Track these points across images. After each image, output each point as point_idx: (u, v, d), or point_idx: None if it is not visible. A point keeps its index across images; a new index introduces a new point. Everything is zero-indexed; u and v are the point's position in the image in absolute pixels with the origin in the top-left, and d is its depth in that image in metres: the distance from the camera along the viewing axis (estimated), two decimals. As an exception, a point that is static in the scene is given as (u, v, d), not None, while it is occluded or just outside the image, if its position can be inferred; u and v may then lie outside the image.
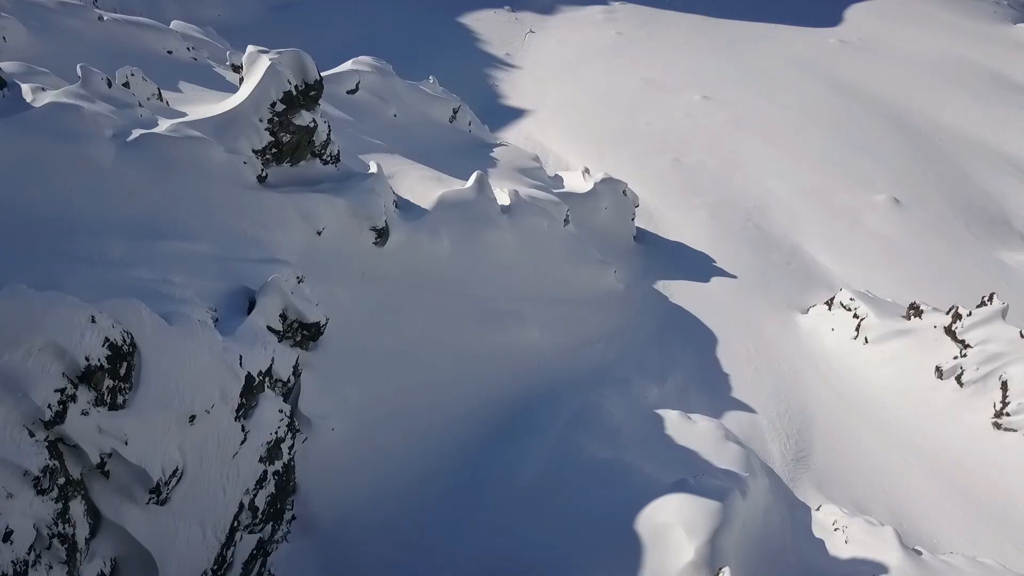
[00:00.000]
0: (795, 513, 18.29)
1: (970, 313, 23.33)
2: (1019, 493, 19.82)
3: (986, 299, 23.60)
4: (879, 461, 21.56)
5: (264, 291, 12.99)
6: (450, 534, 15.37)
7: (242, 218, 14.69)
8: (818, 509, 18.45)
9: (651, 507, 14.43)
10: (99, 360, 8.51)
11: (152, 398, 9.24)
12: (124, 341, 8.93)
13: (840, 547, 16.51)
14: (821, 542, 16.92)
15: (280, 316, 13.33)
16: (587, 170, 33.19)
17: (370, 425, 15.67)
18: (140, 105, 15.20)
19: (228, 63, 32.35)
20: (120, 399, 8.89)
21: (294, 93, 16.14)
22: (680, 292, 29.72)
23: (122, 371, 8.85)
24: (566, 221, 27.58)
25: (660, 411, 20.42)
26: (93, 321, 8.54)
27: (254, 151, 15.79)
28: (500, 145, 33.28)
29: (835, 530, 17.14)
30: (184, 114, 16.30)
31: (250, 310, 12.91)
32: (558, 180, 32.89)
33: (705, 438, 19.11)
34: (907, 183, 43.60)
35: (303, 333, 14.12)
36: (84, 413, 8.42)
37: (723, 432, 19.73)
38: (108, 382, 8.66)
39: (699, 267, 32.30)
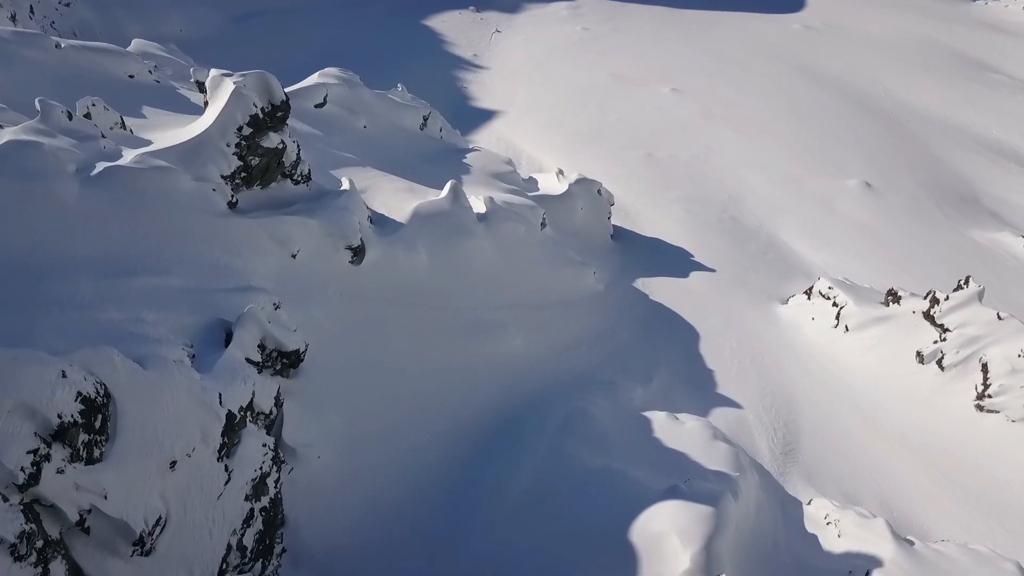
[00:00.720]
0: (787, 509, 18.33)
1: (947, 297, 23.53)
2: (1005, 475, 20.02)
3: (962, 282, 23.81)
4: (866, 450, 21.69)
5: (240, 323, 12.73)
6: (443, 552, 15.20)
7: (214, 247, 14.40)
8: (809, 503, 18.51)
9: (645, 515, 14.37)
10: (72, 416, 8.25)
11: (130, 448, 8.99)
12: (98, 392, 8.67)
13: (833, 541, 16.56)
14: (814, 537, 16.97)
15: (258, 346, 13.08)
16: (561, 171, 33.09)
17: (356, 448, 15.46)
18: (103, 136, 14.83)
19: (192, 80, 31.87)
20: (96, 452, 8.63)
21: (261, 116, 15.85)
22: (660, 289, 29.73)
23: (97, 424, 8.60)
24: (543, 225, 27.48)
25: (647, 413, 20.37)
26: (64, 376, 8.27)
27: (223, 177, 15.50)
28: (473, 150, 33.05)
29: (827, 524, 17.19)
30: (149, 142, 15.94)
31: (227, 342, 12.65)
32: (532, 183, 32.77)
33: (693, 438, 19.08)
34: (878, 166, 44.03)
35: (283, 361, 13.87)
36: (60, 471, 8.16)
37: (711, 431, 19.72)
38: (83, 436, 8.40)
39: (677, 262, 32.33)
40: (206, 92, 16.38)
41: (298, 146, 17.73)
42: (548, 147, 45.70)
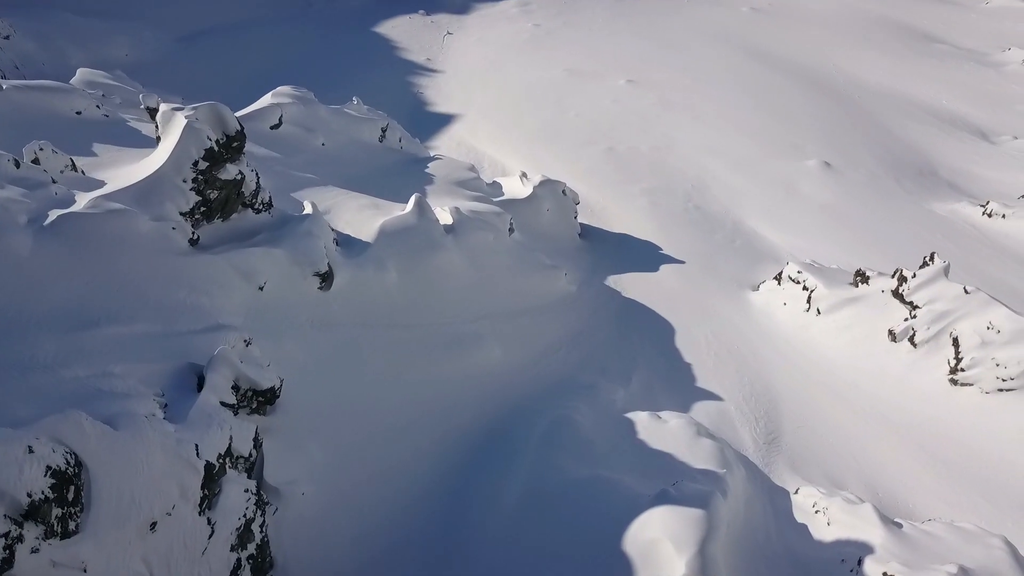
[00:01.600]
0: (775, 500, 18.41)
1: (914, 275, 23.83)
2: (982, 447, 20.33)
3: (928, 259, 24.13)
4: (847, 432, 21.90)
5: (212, 366, 12.41)
6: (437, 573, 15.05)
7: (178, 288, 14.03)
8: (796, 492, 18.62)
9: (637, 523, 14.30)
10: (43, 492, 7.92)
11: (107, 515, 8.68)
12: (68, 463, 8.34)
13: (823, 530, 16.67)
14: (804, 527, 17.06)
15: (232, 388, 12.76)
16: (524, 174, 32.96)
17: (341, 479, 15.19)
18: (53, 182, 14.37)
19: (143, 106, 31.21)
20: (72, 525, 8.31)
21: (216, 148, 15.47)
22: (631, 285, 29.77)
23: (70, 496, 8.27)
24: (511, 230, 27.34)
25: (630, 414, 20.36)
26: (31, 451, 7.94)
27: (182, 214, 15.11)
28: (434, 158, 32.81)
29: (816, 512, 17.30)
30: (102, 183, 15.50)
31: (200, 386, 12.33)
32: (496, 187, 32.61)
33: (677, 437, 19.10)
34: (835, 145, 44.56)
35: (258, 400, 13.57)
36: (34, 551, 7.83)
37: (694, 428, 19.76)
38: (56, 511, 8.08)
39: (646, 257, 32.40)
40: (157, 127, 15.94)
41: (257, 175, 17.37)
42: (509, 148, 45.59)
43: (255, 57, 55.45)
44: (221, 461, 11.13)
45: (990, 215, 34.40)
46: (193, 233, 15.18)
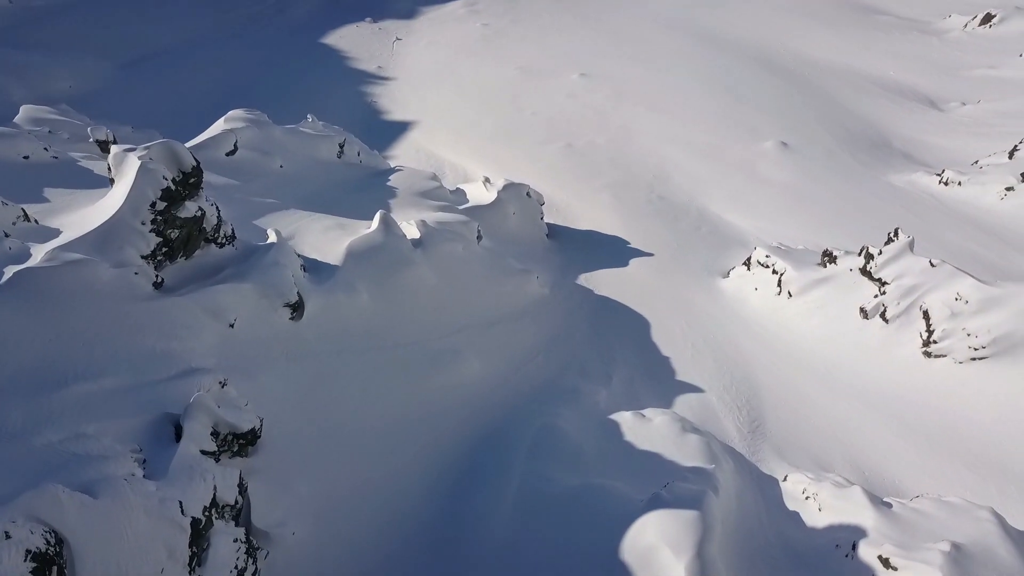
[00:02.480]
0: (765, 489, 18.54)
1: (880, 251, 24.12)
2: (960, 417, 20.66)
3: (892, 235, 24.43)
4: (829, 412, 22.12)
5: (189, 414, 12.08)
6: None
7: (146, 334, 13.65)
8: (785, 480, 18.75)
9: (632, 530, 14.26)
10: (25, 576, 7.64)
11: (94, 590, 8.40)
12: (48, 543, 8.03)
13: (815, 515, 16.81)
14: (796, 514, 17.19)
15: (212, 434, 12.45)
16: (487, 179, 32.78)
17: (330, 513, 14.93)
18: (6, 236, 13.90)
19: (91, 139, 30.43)
20: (58, 604, 8.03)
21: (173, 187, 15.08)
22: (603, 282, 29.79)
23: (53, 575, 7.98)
24: (479, 238, 27.16)
25: (614, 416, 20.34)
26: (8, 536, 7.62)
27: (143, 257, 14.71)
28: (395, 170, 32.45)
29: (806, 499, 17.44)
30: (58, 232, 15.04)
31: (178, 435, 12.01)
32: (460, 195, 32.39)
33: (663, 435, 19.13)
34: (790, 125, 45.01)
35: (240, 442, 13.27)
36: (21, 637, 7.55)
37: (679, 423, 19.81)
38: (40, 594, 7.80)
39: (615, 252, 32.43)
40: (110, 169, 15.49)
41: (217, 208, 16.99)
42: (468, 151, 45.32)
43: (202, 78, 54.40)
44: (207, 514, 10.85)
45: (946, 183, 35.00)
46: (157, 276, 14.79)
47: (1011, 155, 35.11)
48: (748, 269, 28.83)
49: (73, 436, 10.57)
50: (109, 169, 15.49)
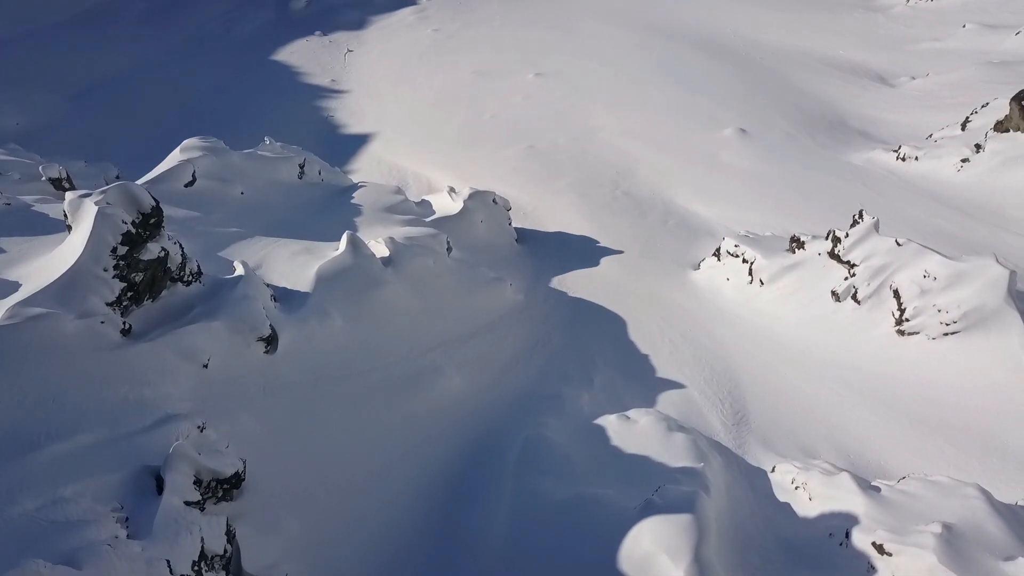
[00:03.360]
0: (754, 482, 18.63)
1: (847, 234, 24.39)
2: (937, 393, 20.92)
3: (857, 216, 24.72)
4: (810, 398, 22.29)
5: (169, 465, 11.78)
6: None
7: (118, 384, 13.29)
8: (773, 471, 18.85)
9: (628, 539, 14.25)
10: (13, 665, 7.35)
11: (86, 666, 8.12)
12: (35, 624, 7.77)
13: (806, 505, 16.91)
14: (787, 505, 17.29)
15: (194, 483, 12.16)
16: (452, 189, 32.60)
17: (323, 548, 14.70)
18: (-38, 294, 13.44)
19: (44, 178, 29.70)
20: None
21: (133, 231, 14.71)
22: (576, 284, 29.79)
23: (42, 658, 7.70)
24: (449, 249, 26.97)
25: (599, 420, 20.31)
26: (-8, 624, 7.35)
27: (108, 304, 14.33)
28: (358, 186, 32.09)
29: (796, 489, 17.55)
30: (16, 284, 14.57)
31: (159, 487, 11.71)
32: (426, 206, 32.15)
33: (649, 436, 19.13)
34: (747, 111, 45.40)
35: (224, 488, 12.98)
36: None
37: (664, 422, 19.83)
38: None
39: (585, 252, 32.45)
40: (66, 216, 15.06)
41: (180, 246, 16.61)
42: (429, 160, 45.07)
43: (153, 104, 53.43)
44: (196, 568, 10.58)
45: (904, 159, 35.53)
46: (124, 323, 14.42)
47: (963, 127, 35.75)
48: (718, 260, 29.00)
49: (51, 502, 10.24)
50: (65, 216, 15.05)
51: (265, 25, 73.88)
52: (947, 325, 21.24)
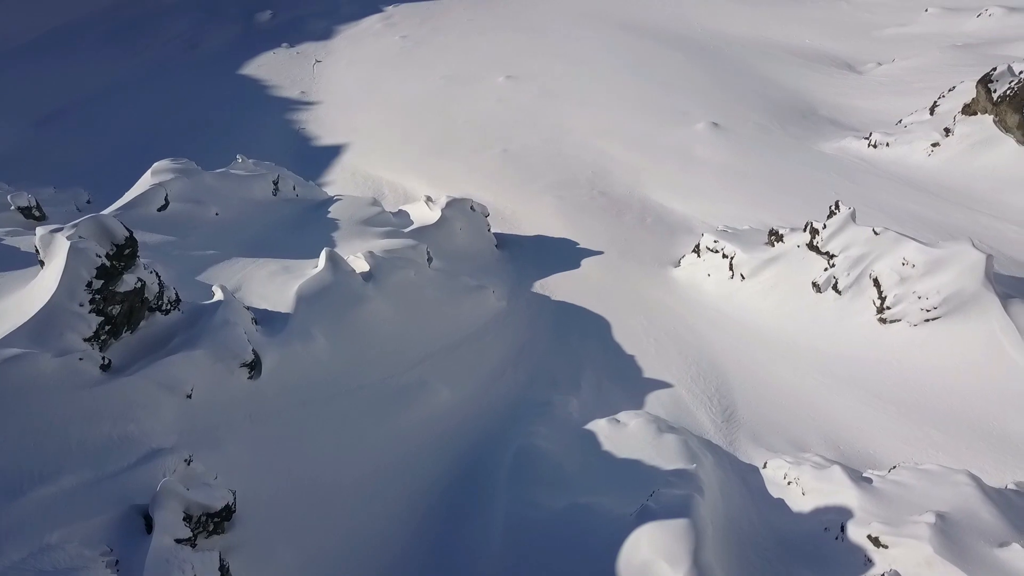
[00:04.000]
0: (747, 479, 18.66)
1: (824, 225, 24.53)
2: (921, 379, 21.11)
3: (833, 207, 24.87)
4: (796, 390, 22.42)
5: (157, 503, 11.56)
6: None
7: (101, 422, 13.02)
8: (765, 467, 18.90)
9: (626, 547, 14.17)
10: None
11: None
12: None
13: (799, 500, 16.95)
14: (781, 501, 17.32)
15: (184, 519, 11.94)
16: (429, 198, 32.43)
17: (319, 574, 14.52)
18: (-67, 338, 13.10)
19: (12, 207, 29.20)
20: None
21: (107, 263, 14.43)
22: (558, 287, 29.79)
23: None
24: (429, 260, 26.84)
25: (589, 425, 20.28)
26: None
27: (86, 340, 14.05)
28: (334, 200, 31.84)
29: (788, 484, 17.60)
30: (-11, 324, 14.23)
31: (149, 526, 11.49)
32: (404, 216, 31.97)
33: (640, 439, 19.11)
34: (718, 104, 45.65)
35: (215, 521, 12.76)
36: None
37: (654, 424, 19.82)
38: None
39: (566, 254, 32.46)
40: (38, 251, 14.75)
41: (157, 275, 16.33)
42: (404, 168, 44.85)
43: (122, 126, 52.71)
44: (192, 608, 10.38)
45: (875, 146, 35.84)
46: (103, 358, 14.13)
47: (932, 111, 36.14)
48: (698, 256, 29.09)
49: (37, 550, 10.00)
50: (37, 251, 14.74)
51: (231, 40, 73.23)
52: (928, 311, 21.41)
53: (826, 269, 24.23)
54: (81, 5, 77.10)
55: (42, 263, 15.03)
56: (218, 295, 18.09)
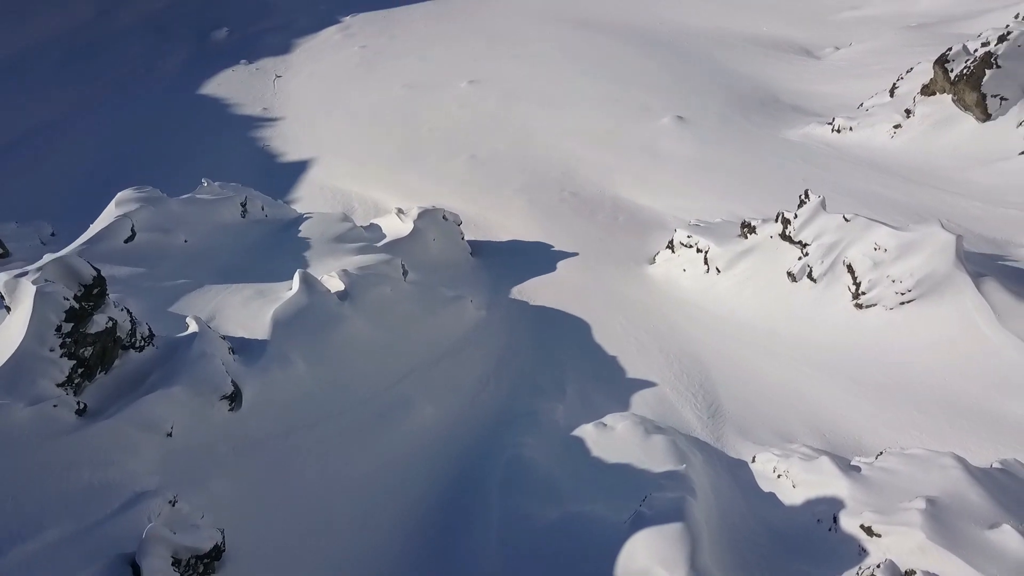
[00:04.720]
0: (737, 475, 18.73)
1: (795, 215, 24.70)
2: (900, 361, 21.32)
3: (803, 196, 25.05)
4: (779, 382, 22.54)
5: (144, 551, 11.30)
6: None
7: (80, 470, 12.71)
8: (754, 461, 18.97)
9: (622, 556, 14.14)
10: None
11: None
12: None
13: (790, 493, 17.03)
14: (772, 495, 17.39)
15: (173, 564, 11.69)
16: (400, 209, 32.19)
17: (314, 606, 14.32)
18: (-100, 396, 12.71)
19: (-27, 245, 28.59)
20: None
21: (76, 305, 14.10)
22: (536, 291, 29.72)
23: None
24: (405, 273, 26.63)
25: (576, 432, 20.23)
26: None
27: (59, 385, 13.71)
28: (304, 218, 31.47)
29: (778, 477, 17.68)
30: (-44, 377, 13.83)
31: (136, 574, 11.22)
32: (376, 230, 31.71)
33: (628, 442, 19.10)
34: (681, 97, 45.86)
35: (204, 563, 12.51)
36: None
37: (641, 425, 19.81)
38: None
39: (541, 258, 32.39)
40: (2, 297, 14.37)
41: (128, 312, 16.00)
42: (373, 180, 44.44)
43: (81, 155, 51.66)
44: (186, 657, 10.14)
45: (839, 130, 36.23)
46: (78, 402, 13.80)
47: (892, 93, 36.60)
48: (673, 252, 29.18)
49: (23, 612, 9.71)
50: (1, 298, 14.36)
51: (187, 60, 72.22)
52: (902, 294, 21.63)
53: (800, 258, 24.41)
54: (33, 32, 75.60)
55: (8, 308, 14.65)
56: (192, 327, 17.77)
